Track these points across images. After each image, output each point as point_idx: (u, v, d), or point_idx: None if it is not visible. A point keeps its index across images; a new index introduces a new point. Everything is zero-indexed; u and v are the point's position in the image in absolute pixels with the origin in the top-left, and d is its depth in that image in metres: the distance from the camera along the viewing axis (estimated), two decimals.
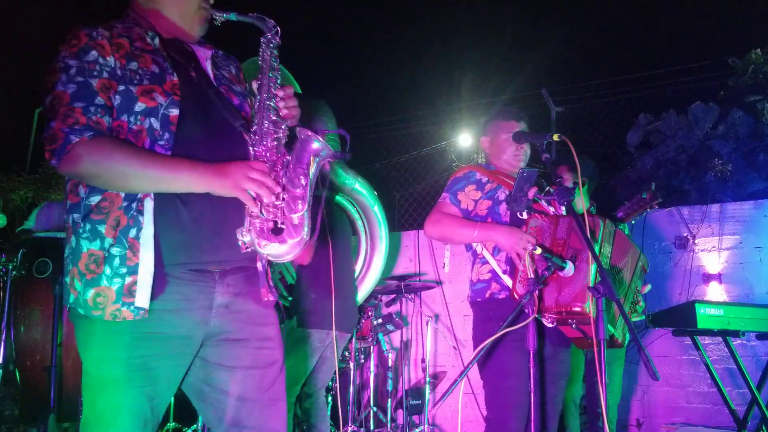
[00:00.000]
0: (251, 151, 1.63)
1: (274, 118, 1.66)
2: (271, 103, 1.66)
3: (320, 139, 1.62)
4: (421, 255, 5.86)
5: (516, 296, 2.37)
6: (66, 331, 2.97)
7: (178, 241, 1.57)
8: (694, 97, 6.41)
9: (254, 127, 1.65)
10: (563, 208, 2.50)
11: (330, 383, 4.56)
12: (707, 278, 4.83)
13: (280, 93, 1.67)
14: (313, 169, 1.63)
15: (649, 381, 4.83)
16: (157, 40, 1.68)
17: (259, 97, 1.67)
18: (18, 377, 2.99)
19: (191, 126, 1.61)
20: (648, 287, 2.64)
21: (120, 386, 1.53)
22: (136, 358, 1.54)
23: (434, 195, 7.00)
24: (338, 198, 3.95)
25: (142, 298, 1.52)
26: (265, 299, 1.72)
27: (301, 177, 1.61)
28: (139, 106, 1.57)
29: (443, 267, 5.72)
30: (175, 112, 1.59)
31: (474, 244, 2.64)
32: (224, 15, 1.73)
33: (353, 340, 4.40)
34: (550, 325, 2.40)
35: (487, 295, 2.56)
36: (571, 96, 6.69)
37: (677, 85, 6.60)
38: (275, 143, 1.64)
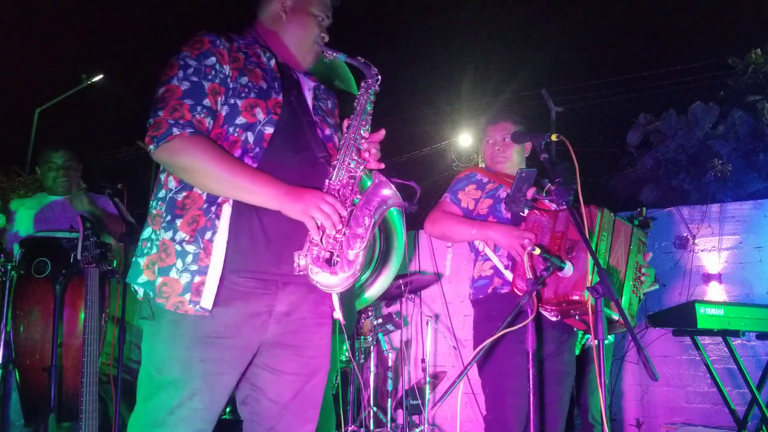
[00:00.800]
0: (326, 183, 1.69)
1: (356, 157, 1.73)
2: (357, 144, 1.74)
3: (392, 186, 1.69)
4: (420, 255, 5.87)
5: (516, 290, 2.38)
6: (66, 331, 2.98)
7: (247, 249, 1.63)
8: (694, 97, 6.42)
9: (335, 162, 1.72)
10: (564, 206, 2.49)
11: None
12: (707, 278, 4.83)
13: (367, 136, 1.76)
14: (378, 213, 1.68)
15: (649, 381, 4.83)
16: (273, 61, 1.80)
17: (346, 135, 1.75)
18: (18, 377, 2.99)
19: (281, 146, 1.70)
20: (650, 255, 2.62)
21: (177, 387, 1.58)
22: (195, 361, 1.59)
23: (434, 195, 7.00)
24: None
25: (208, 299, 1.58)
26: (328, 307, 1.78)
27: (366, 217, 1.67)
28: (240, 120, 1.67)
29: (444, 270, 5.73)
30: (270, 130, 1.68)
31: (476, 242, 2.66)
32: (335, 54, 1.84)
33: (353, 340, 4.40)
34: (554, 319, 2.41)
35: (489, 291, 2.57)
36: (571, 96, 6.70)
37: (677, 85, 6.60)
38: (351, 180, 1.71)
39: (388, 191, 1.69)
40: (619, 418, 4.90)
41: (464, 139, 7.23)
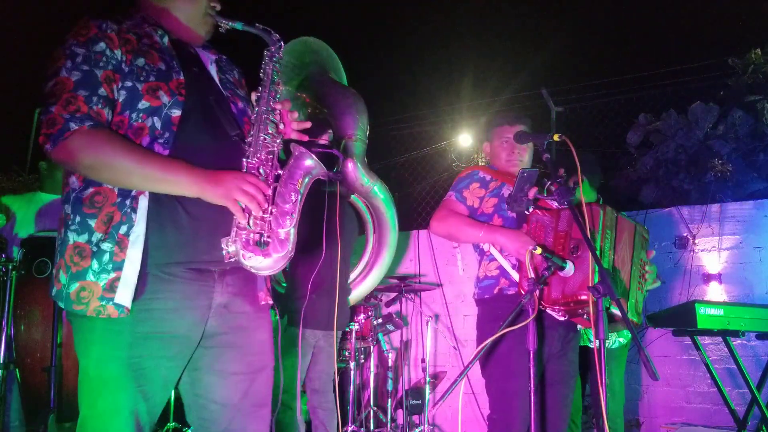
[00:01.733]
0: (244, 163, 1.61)
1: (271, 131, 1.66)
2: (270, 117, 1.67)
3: (313, 156, 1.63)
4: (421, 255, 5.86)
5: (523, 292, 2.38)
6: (66, 331, 2.97)
7: (175, 240, 1.57)
8: (694, 97, 6.41)
9: (249, 139, 1.64)
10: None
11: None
12: (707, 278, 4.83)
13: (278, 106, 1.68)
14: (303, 186, 1.64)
15: (649, 381, 4.83)
16: (166, 39, 1.68)
17: (257, 109, 1.68)
18: (18, 377, 2.99)
19: (191, 129, 1.61)
20: (653, 253, 2.62)
21: (120, 386, 1.51)
22: (135, 357, 1.52)
23: (434, 195, 7.00)
24: (354, 198, 3.96)
25: (123, 295, 1.50)
26: (263, 302, 1.73)
27: (292, 193, 1.62)
28: (143, 104, 1.56)
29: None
30: (177, 112, 1.59)
31: (482, 243, 2.66)
32: (230, 23, 1.74)
33: (353, 340, 4.39)
34: (562, 319, 2.41)
35: (495, 291, 2.57)
36: (571, 96, 6.69)
37: (677, 85, 6.60)
38: (270, 156, 1.64)
39: (310, 161, 1.64)
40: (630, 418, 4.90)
41: (464, 139, 7.22)
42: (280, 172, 1.65)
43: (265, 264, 1.57)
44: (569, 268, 2.23)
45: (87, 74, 1.53)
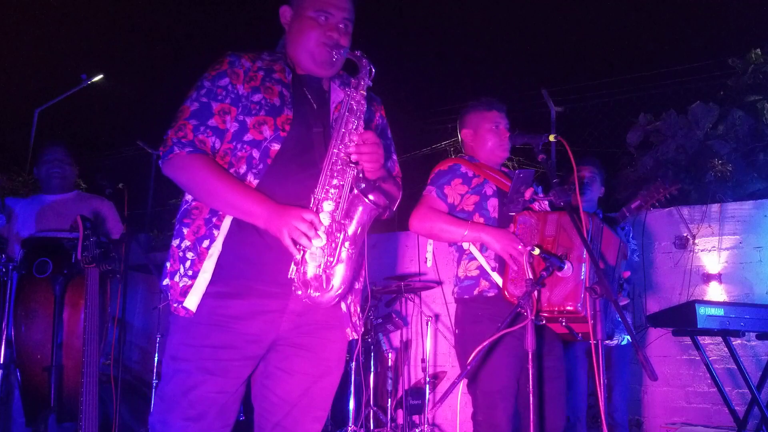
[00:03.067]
0: (312, 198, 1.68)
1: (340, 165, 1.69)
2: (342, 149, 1.70)
3: (366, 200, 1.65)
4: (421, 255, 5.86)
5: (507, 295, 2.37)
6: (66, 331, 2.98)
7: (247, 261, 1.70)
8: (694, 97, 6.42)
9: (321, 177, 1.69)
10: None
11: None
12: (707, 278, 4.83)
13: (355, 138, 1.71)
14: (353, 226, 1.66)
15: (649, 381, 4.83)
16: (290, 76, 1.83)
17: (331, 140, 1.72)
18: (19, 377, 2.99)
19: (286, 162, 1.73)
20: (628, 273, 2.64)
21: (191, 372, 1.66)
22: (207, 348, 1.67)
23: None
24: None
25: (191, 301, 1.67)
26: (349, 339, 1.83)
27: (347, 238, 1.65)
28: (248, 137, 1.73)
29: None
30: (276, 147, 1.73)
31: (463, 242, 2.60)
32: (337, 53, 1.80)
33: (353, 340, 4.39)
34: (540, 323, 2.40)
35: (475, 293, 2.54)
36: (571, 96, 6.70)
37: (677, 85, 6.61)
38: (335, 191, 1.68)
39: (360, 207, 1.66)
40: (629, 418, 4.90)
41: None
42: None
43: (319, 299, 1.65)
44: (568, 268, 2.23)
45: (203, 105, 1.74)
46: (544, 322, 2.36)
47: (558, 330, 2.44)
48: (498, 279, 2.48)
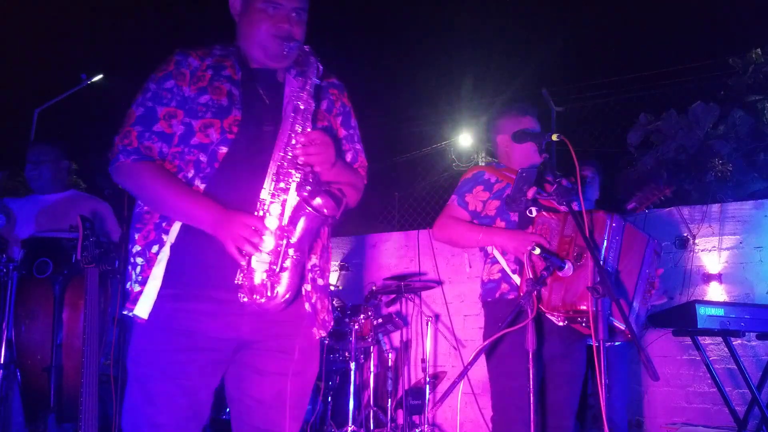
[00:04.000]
0: (258, 202, 1.63)
1: (287, 168, 1.64)
2: (289, 149, 1.66)
3: (312, 204, 1.60)
4: (421, 255, 5.86)
5: (521, 294, 2.38)
6: (66, 331, 2.98)
7: (197, 267, 1.67)
8: (694, 97, 6.42)
9: (267, 181, 1.64)
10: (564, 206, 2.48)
11: (329, 383, 4.57)
12: (707, 278, 4.82)
13: (301, 139, 1.66)
14: (297, 234, 1.61)
15: (649, 381, 4.82)
16: (240, 74, 1.77)
17: (277, 140, 1.67)
18: (19, 377, 2.99)
19: (235, 165, 1.69)
20: (662, 270, 2.57)
21: (152, 378, 1.63)
22: (168, 353, 1.63)
23: (434, 195, 7.00)
24: None
25: (141, 308, 1.65)
26: (317, 338, 1.79)
27: (292, 245, 1.61)
28: (194, 141, 1.69)
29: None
30: (224, 150, 1.69)
31: (487, 246, 2.64)
32: (288, 45, 1.75)
33: (353, 340, 4.39)
34: (561, 324, 2.39)
35: (497, 295, 2.57)
36: (571, 96, 6.70)
37: (677, 85, 6.61)
38: (281, 194, 1.63)
39: (308, 209, 1.60)
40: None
41: (464, 139, 7.23)
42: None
43: (266, 305, 1.61)
44: (568, 267, 2.23)
45: (148, 111, 1.71)
46: (565, 322, 2.36)
47: (582, 330, 2.44)
48: (518, 280, 2.49)
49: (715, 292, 4.77)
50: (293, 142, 1.65)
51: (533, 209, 2.50)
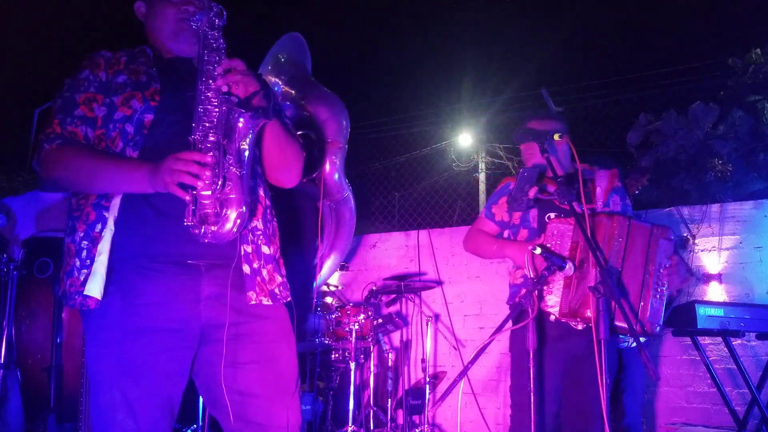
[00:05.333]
0: (191, 140, 1.58)
1: (213, 99, 1.61)
2: (208, 86, 1.62)
3: (240, 111, 1.56)
4: (421, 255, 5.86)
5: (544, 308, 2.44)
6: (66, 331, 2.98)
7: (142, 236, 1.62)
8: (694, 97, 6.42)
9: (195, 116, 1.61)
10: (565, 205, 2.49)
11: (329, 383, 4.57)
12: (707, 278, 4.82)
13: (220, 70, 1.63)
14: (234, 142, 1.58)
15: (649, 381, 4.82)
16: (152, 55, 1.81)
17: (197, 83, 1.64)
18: (19, 377, 2.99)
19: (164, 130, 1.67)
20: (676, 258, 2.49)
21: (114, 381, 1.57)
22: (127, 353, 1.57)
23: (434, 195, 7.00)
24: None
25: (92, 287, 1.58)
26: (252, 302, 1.70)
27: (234, 153, 1.57)
28: (118, 115, 1.68)
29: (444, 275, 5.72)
30: (149, 116, 1.68)
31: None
32: (193, 19, 1.71)
33: (353, 340, 4.39)
34: (580, 328, 2.39)
35: (516, 299, 2.61)
36: (571, 96, 6.70)
37: (677, 85, 6.61)
38: (213, 124, 1.59)
39: (240, 118, 1.57)
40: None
41: (464, 139, 7.23)
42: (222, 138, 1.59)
43: (224, 229, 1.56)
44: (569, 267, 2.23)
45: (66, 100, 1.71)
46: (584, 326, 2.34)
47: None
48: None
49: (715, 292, 4.77)
50: (213, 75, 1.62)
51: (551, 214, 2.52)
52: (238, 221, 1.57)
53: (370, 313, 4.59)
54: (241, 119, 1.57)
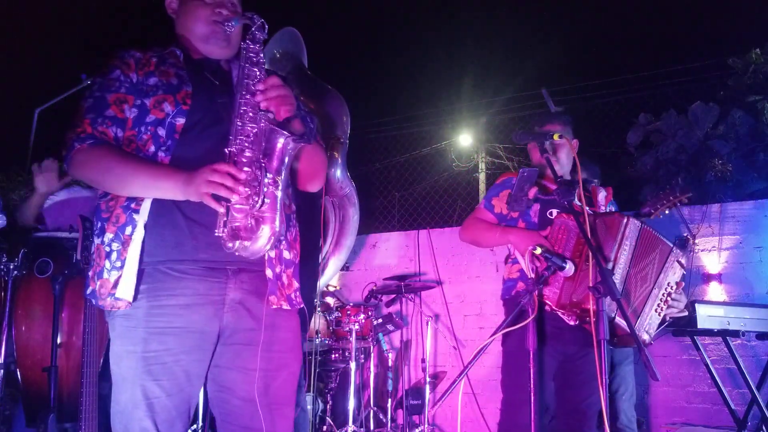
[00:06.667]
0: (226, 153, 1.60)
1: (252, 114, 1.63)
2: (248, 99, 1.64)
3: (284, 133, 1.59)
4: (421, 255, 5.86)
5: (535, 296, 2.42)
6: (66, 331, 2.97)
7: (172, 240, 1.64)
8: (694, 97, 6.42)
9: (232, 129, 1.63)
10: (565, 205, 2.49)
11: (329, 383, 4.57)
12: (707, 278, 4.82)
13: (260, 87, 1.65)
14: (275, 161, 1.60)
15: (649, 381, 4.83)
16: (182, 57, 1.79)
17: (237, 95, 1.66)
18: (19, 377, 2.99)
19: (196, 135, 1.68)
20: (682, 284, 2.57)
21: (137, 380, 1.61)
22: (151, 353, 1.61)
23: (434, 195, 7.00)
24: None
25: (123, 290, 1.61)
26: (274, 306, 1.73)
27: (270, 172, 1.59)
28: (150, 118, 1.68)
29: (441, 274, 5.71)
30: (181, 120, 1.67)
31: (508, 245, 2.71)
32: (230, 24, 1.74)
33: (353, 340, 4.39)
34: (572, 323, 2.40)
35: (513, 293, 2.64)
36: (571, 96, 6.70)
37: (677, 85, 6.61)
38: (251, 139, 1.61)
39: (281, 139, 1.59)
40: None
41: (464, 139, 7.23)
42: (261, 154, 1.61)
43: (256, 246, 1.58)
44: (569, 267, 2.23)
45: (98, 99, 1.69)
46: (577, 322, 2.36)
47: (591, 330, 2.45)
48: None
49: (715, 292, 4.77)
50: (252, 90, 1.64)
51: (554, 211, 2.53)
52: (272, 239, 1.60)
53: (370, 313, 4.59)
54: (282, 140, 1.60)
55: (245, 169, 1.56)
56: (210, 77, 1.78)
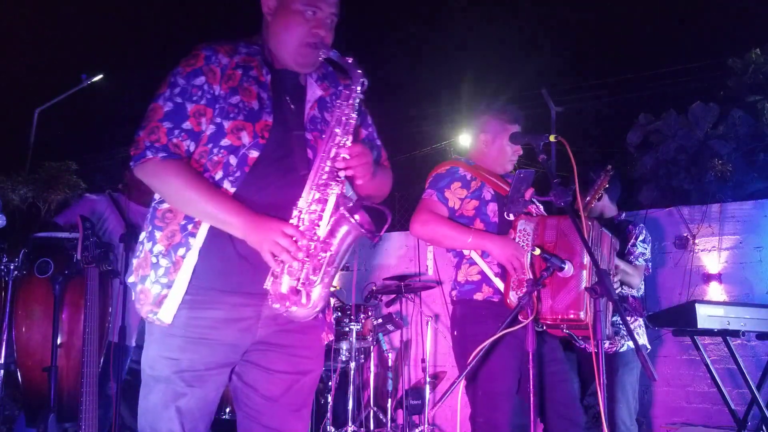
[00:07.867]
0: (294, 210, 1.63)
1: (326, 179, 1.64)
2: (331, 161, 1.65)
3: (351, 221, 1.61)
4: (421, 255, 5.87)
5: (507, 302, 2.36)
6: (66, 331, 2.98)
7: (222, 271, 1.67)
8: (694, 97, 6.43)
9: (306, 190, 1.64)
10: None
11: (329, 383, 4.57)
12: (707, 278, 4.82)
13: (344, 152, 1.65)
14: (336, 246, 1.62)
15: (649, 381, 4.83)
16: (269, 77, 1.74)
17: (320, 151, 1.67)
18: (19, 377, 2.99)
19: (265, 169, 1.67)
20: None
21: (169, 384, 1.65)
22: (184, 361, 1.65)
23: None
24: None
25: (166, 313, 1.63)
26: (325, 341, 1.81)
27: (327, 252, 1.62)
28: (225, 142, 1.65)
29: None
30: (255, 154, 1.66)
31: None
32: (326, 54, 1.72)
33: (353, 340, 4.39)
34: (539, 330, 2.37)
35: (477, 297, 2.54)
36: (571, 96, 6.71)
37: (677, 85, 6.62)
38: (318, 206, 1.63)
39: (346, 227, 1.61)
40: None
41: (464, 139, 7.24)
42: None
43: (297, 313, 1.64)
44: (568, 268, 2.23)
45: (178, 107, 1.65)
46: (544, 327, 2.36)
47: (558, 334, 2.43)
48: (500, 284, 2.47)
49: (715, 292, 4.77)
50: (333, 154, 1.65)
51: (511, 214, 2.48)
52: (318, 308, 1.65)
53: (370, 313, 4.59)
54: (348, 227, 1.61)
55: (307, 242, 1.60)
56: (288, 101, 1.75)
